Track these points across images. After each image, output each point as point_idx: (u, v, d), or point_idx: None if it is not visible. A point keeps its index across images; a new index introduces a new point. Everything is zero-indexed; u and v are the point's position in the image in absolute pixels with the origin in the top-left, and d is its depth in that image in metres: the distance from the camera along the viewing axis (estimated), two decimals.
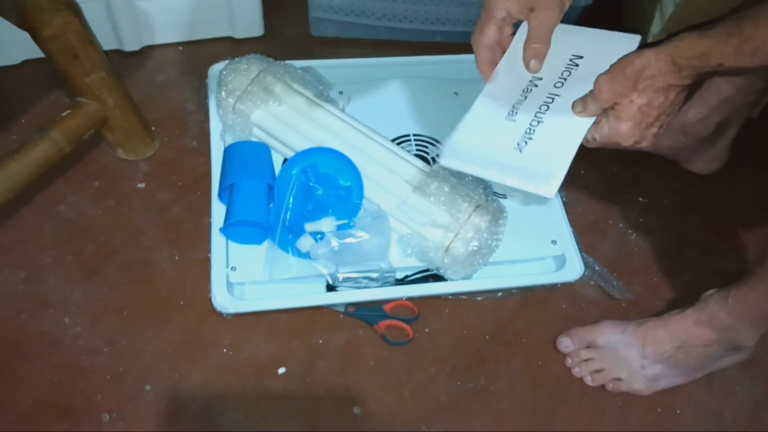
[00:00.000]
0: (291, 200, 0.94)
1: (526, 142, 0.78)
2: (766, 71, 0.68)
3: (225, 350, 0.94)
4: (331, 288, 0.96)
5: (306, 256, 0.93)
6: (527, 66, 0.81)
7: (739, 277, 0.86)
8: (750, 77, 1.00)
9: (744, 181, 1.18)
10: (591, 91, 0.74)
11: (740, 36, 0.64)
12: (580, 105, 0.76)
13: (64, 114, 0.99)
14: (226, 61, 1.03)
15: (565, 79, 0.80)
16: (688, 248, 1.11)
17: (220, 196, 0.97)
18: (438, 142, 1.09)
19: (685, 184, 1.16)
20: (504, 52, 0.83)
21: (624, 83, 0.70)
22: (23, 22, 0.90)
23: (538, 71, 0.81)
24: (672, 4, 1.08)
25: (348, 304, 0.97)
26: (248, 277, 0.93)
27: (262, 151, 1.01)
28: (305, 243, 0.92)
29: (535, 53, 0.81)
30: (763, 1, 0.64)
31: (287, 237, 0.93)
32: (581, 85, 0.77)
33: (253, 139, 1.02)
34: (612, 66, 0.72)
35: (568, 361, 0.97)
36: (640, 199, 1.15)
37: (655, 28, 1.11)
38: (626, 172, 1.17)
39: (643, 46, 0.73)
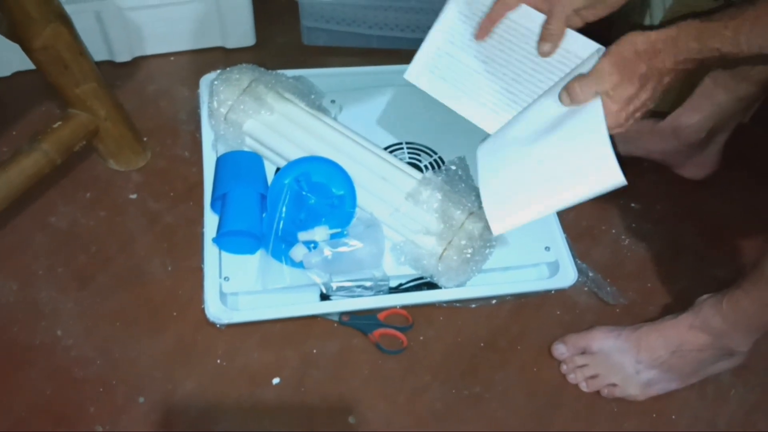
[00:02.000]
0: (284, 209, 0.93)
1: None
2: (762, 60, 0.68)
3: (219, 360, 0.93)
4: (324, 297, 0.95)
5: (299, 265, 0.92)
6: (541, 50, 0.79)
7: (732, 282, 0.86)
8: (743, 84, 1.00)
9: (737, 187, 1.18)
10: (579, 78, 0.72)
11: (742, 17, 0.64)
12: (568, 95, 0.73)
13: (55, 125, 0.98)
14: (218, 71, 1.03)
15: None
16: (682, 254, 1.11)
17: (213, 206, 0.97)
18: (431, 150, 1.09)
19: (678, 190, 1.17)
20: None
21: (627, 64, 0.69)
22: (13, 33, 0.90)
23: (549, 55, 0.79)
24: (661, 10, 1.08)
25: (342, 313, 0.97)
26: (241, 287, 0.93)
27: (254, 160, 1.01)
28: (298, 252, 0.92)
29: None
30: None
31: (280, 246, 0.93)
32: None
33: (246, 149, 1.01)
34: (610, 48, 0.71)
35: (563, 368, 0.97)
36: (633, 204, 1.15)
37: None
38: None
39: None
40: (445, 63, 0.85)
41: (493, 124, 0.83)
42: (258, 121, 0.99)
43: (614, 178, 0.70)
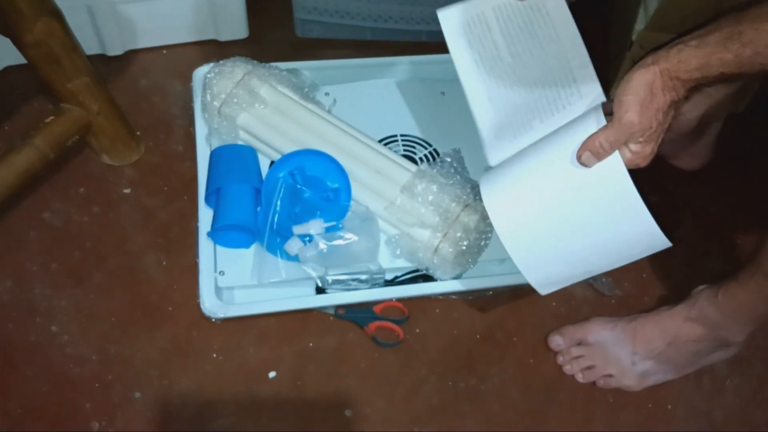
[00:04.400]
0: (278, 203, 0.93)
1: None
2: (766, 74, 0.67)
3: (215, 355, 0.93)
4: (320, 290, 0.95)
5: (295, 259, 0.92)
6: None
7: (727, 274, 0.86)
8: None
9: (732, 179, 1.18)
10: (604, 134, 0.70)
11: (740, 40, 0.62)
12: (594, 156, 0.71)
13: (47, 120, 0.98)
14: (211, 65, 1.02)
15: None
16: (677, 245, 1.09)
17: (207, 200, 0.97)
18: (426, 142, 1.09)
19: (673, 182, 1.16)
20: None
21: (645, 105, 0.68)
22: (4, 28, 0.89)
23: None
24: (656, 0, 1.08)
25: (338, 307, 0.96)
26: (237, 282, 0.93)
27: (248, 154, 1.00)
28: (294, 246, 0.91)
29: None
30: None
31: (275, 240, 0.92)
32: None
33: (240, 143, 1.01)
34: (625, 96, 0.68)
35: (560, 359, 0.97)
36: None
37: (640, 25, 1.11)
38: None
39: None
40: (479, 32, 0.83)
41: (483, 115, 0.83)
42: (252, 115, 0.98)
43: (662, 244, 0.75)
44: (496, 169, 0.81)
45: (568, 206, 0.75)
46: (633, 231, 0.73)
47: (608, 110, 0.72)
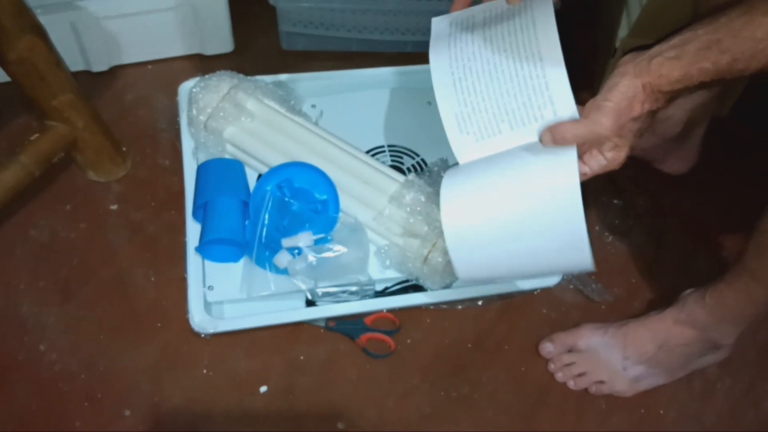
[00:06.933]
0: (266, 216, 0.93)
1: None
2: (745, 79, 0.67)
3: (205, 370, 0.93)
4: (310, 303, 0.95)
5: (284, 272, 0.92)
6: None
7: (715, 276, 0.87)
8: None
9: (718, 181, 1.19)
10: (573, 122, 0.71)
11: (718, 48, 0.63)
12: (552, 137, 0.72)
13: (32, 137, 0.97)
14: (197, 79, 1.02)
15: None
16: (665, 249, 1.11)
17: (195, 214, 0.96)
18: (413, 152, 1.09)
19: (659, 186, 1.17)
20: None
21: (622, 114, 0.69)
22: None
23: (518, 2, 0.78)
24: (638, 7, 1.09)
25: (328, 319, 0.96)
26: (226, 296, 0.93)
27: (235, 167, 1.00)
28: (282, 259, 0.91)
29: None
30: (731, 5, 0.64)
31: (264, 253, 0.92)
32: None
33: (227, 156, 1.01)
34: (605, 102, 0.69)
35: (551, 366, 0.97)
36: (615, 201, 1.15)
37: (623, 32, 1.12)
38: (600, 175, 1.17)
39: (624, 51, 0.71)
40: (460, 28, 0.83)
41: (447, 106, 0.82)
42: (238, 128, 0.98)
43: (587, 266, 0.75)
44: (461, 167, 0.82)
45: (516, 210, 0.76)
46: (567, 246, 0.75)
47: (584, 100, 0.73)
